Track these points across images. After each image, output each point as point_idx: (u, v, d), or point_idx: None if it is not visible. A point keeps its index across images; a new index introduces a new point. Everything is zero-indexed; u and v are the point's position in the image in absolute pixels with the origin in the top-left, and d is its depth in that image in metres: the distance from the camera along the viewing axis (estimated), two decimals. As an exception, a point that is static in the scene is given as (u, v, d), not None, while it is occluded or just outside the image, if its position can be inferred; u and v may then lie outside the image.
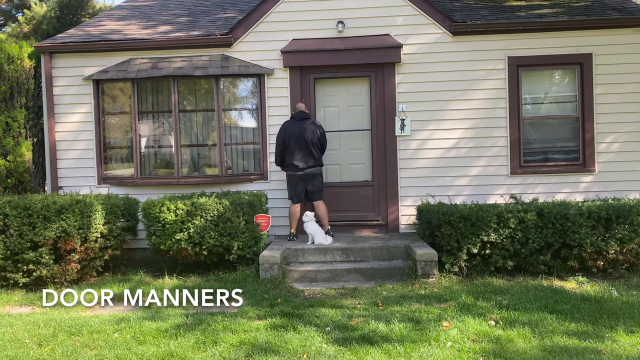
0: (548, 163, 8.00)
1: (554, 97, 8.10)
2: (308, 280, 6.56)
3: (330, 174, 8.24)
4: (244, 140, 8.35)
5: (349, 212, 8.13)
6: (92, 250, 6.58)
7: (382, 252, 6.93)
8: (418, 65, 7.98)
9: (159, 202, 6.77)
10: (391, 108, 7.99)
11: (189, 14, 9.66)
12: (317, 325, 4.89)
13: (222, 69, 7.97)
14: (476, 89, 7.94)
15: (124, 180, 8.22)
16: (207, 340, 4.58)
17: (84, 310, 5.69)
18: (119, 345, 4.56)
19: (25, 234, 6.24)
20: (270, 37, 8.07)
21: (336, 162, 8.27)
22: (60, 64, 8.24)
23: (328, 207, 7.60)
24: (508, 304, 5.37)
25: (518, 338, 4.48)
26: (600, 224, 6.35)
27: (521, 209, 6.46)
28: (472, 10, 8.60)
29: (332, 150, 8.19)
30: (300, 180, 7.36)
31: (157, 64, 8.08)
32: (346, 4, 8.02)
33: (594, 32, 7.87)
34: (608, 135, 7.85)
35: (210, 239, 6.65)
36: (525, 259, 6.45)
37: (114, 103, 8.46)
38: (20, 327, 5.11)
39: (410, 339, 4.50)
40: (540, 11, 8.29)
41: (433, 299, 5.63)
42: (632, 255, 6.38)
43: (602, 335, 4.51)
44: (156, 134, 8.46)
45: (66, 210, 6.33)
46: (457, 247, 6.41)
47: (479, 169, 7.95)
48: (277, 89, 8.09)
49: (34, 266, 6.27)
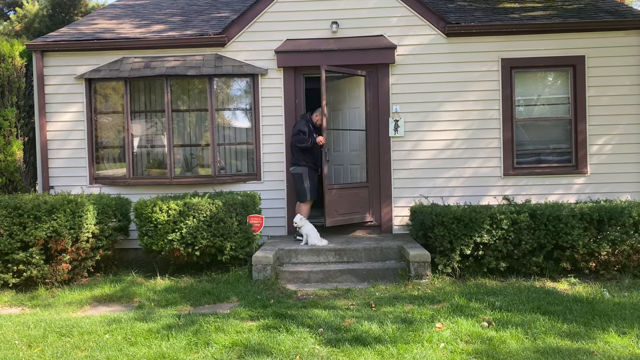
0: (541, 164, 8.03)
1: (546, 99, 8.13)
2: (301, 281, 6.55)
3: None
4: (237, 141, 8.32)
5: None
6: (83, 250, 6.53)
7: (376, 253, 6.92)
8: (412, 66, 7.99)
9: (151, 202, 6.73)
10: (385, 109, 7.99)
11: (183, 14, 9.62)
12: (310, 326, 4.87)
13: (216, 68, 7.94)
14: (470, 91, 7.96)
15: (116, 180, 8.16)
16: (199, 342, 4.55)
17: (75, 311, 5.64)
18: (110, 346, 4.52)
19: (15, 233, 6.19)
20: (264, 37, 8.05)
21: (331, 163, 8.26)
22: (52, 63, 8.18)
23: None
24: (501, 305, 5.38)
25: (510, 339, 4.48)
26: (592, 226, 6.38)
27: (514, 210, 6.48)
28: (466, 11, 8.62)
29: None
30: (291, 179, 7.41)
31: (150, 63, 8.04)
32: (340, 4, 8.01)
33: (587, 35, 7.91)
34: (600, 137, 7.90)
35: (203, 240, 6.62)
36: (517, 260, 6.47)
37: (106, 102, 8.41)
38: (9, 328, 5.06)
39: (403, 340, 4.49)
40: (533, 13, 8.33)
41: (426, 300, 5.63)
42: (624, 257, 6.41)
43: (594, 337, 4.52)
44: (149, 133, 8.41)
45: (57, 210, 6.28)
46: (450, 248, 6.42)
47: (472, 170, 7.96)
48: (271, 89, 8.07)
49: (24, 266, 6.21)
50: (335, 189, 7.63)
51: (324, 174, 7.43)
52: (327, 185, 7.47)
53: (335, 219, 7.59)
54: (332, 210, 7.55)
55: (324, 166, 7.43)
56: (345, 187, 7.85)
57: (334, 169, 8.39)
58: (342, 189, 7.73)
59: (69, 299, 6.03)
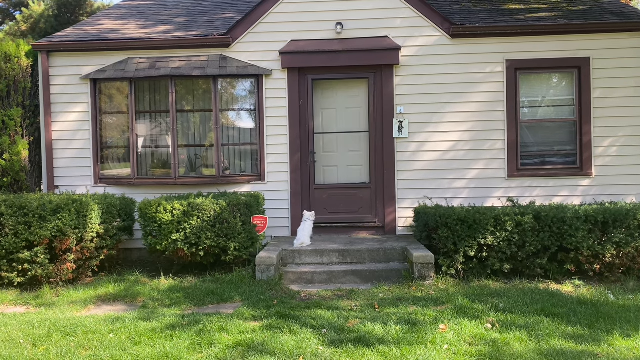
0: (545, 166, 8.00)
1: (551, 100, 8.11)
2: (305, 281, 6.55)
3: (327, 176, 8.24)
4: (241, 141, 8.33)
5: (346, 213, 8.12)
6: (87, 250, 6.55)
7: (379, 254, 6.92)
8: (416, 67, 7.98)
9: (156, 202, 6.74)
10: (389, 110, 7.99)
11: (188, 14, 9.64)
12: (313, 326, 4.87)
13: (220, 69, 7.96)
14: (474, 92, 7.95)
15: (120, 180, 8.19)
16: (202, 341, 4.56)
17: (79, 310, 5.66)
18: (114, 345, 4.53)
19: (20, 233, 6.21)
20: (269, 38, 8.06)
21: (334, 164, 8.27)
22: (57, 63, 8.21)
23: (325, 209, 7.60)
24: (505, 307, 5.36)
25: (514, 341, 4.47)
26: (597, 228, 6.35)
27: (518, 212, 6.46)
28: (471, 13, 8.60)
29: (330, 152, 8.22)
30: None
31: (155, 64, 8.06)
32: (345, 5, 8.01)
33: (592, 36, 7.89)
34: (605, 139, 7.87)
35: (207, 240, 6.63)
36: (522, 262, 6.45)
37: (111, 102, 8.43)
38: (14, 326, 5.08)
39: (406, 341, 4.48)
40: (538, 15, 8.31)
41: (429, 302, 5.62)
42: (629, 259, 6.38)
43: (598, 339, 4.50)
44: (153, 133, 8.44)
45: (62, 209, 6.30)
46: (454, 249, 6.40)
47: (476, 172, 7.95)
48: (275, 90, 8.08)
49: (29, 266, 6.24)
50: (324, 189, 7.86)
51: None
52: (314, 186, 7.72)
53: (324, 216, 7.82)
54: (322, 209, 7.76)
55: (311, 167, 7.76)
56: (343, 187, 7.95)
57: (327, 170, 8.39)
58: (334, 189, 7.87)
59: (74, 298, 6.05)
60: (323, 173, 8.25)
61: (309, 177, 8.12)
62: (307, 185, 8.11)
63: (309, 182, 8.12)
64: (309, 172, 8.12)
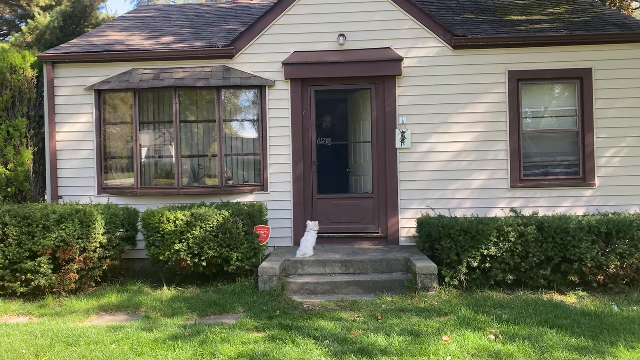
0: (548, 177, 8.00)
1: (554, 111, 8.12)
2: (307, 292, 6.54)
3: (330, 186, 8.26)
4: (244, 152, 8.36)
5: (349, 224, 8.12)
6: (91, 260, 6.56)
7: (382, 265, 6.90)
8: (419, 78, 8.02)
9: (159, 212, 6.76)
10: (392, 120, 8.02)
11: (192, 26, 9.73)
12: (315, 338, 4.86)
13: (224, 80, 8.01)
14: (477, 103, 7.97)
15: (124, 191, 8.22)
16: (205, 352, 4.55)
17: (82, 321, 5.66)
18: (116, 356, 4.53)
19: (24, 243, 6.24)
20: (272, 49, 8.12)
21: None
22: (62, 74, 8.28)
23: (328, 219, 7.61)
24: (508, 318, 5.34)
25: (518, 353, 4.45)
26: (600, 239, 6.34)
27: (521, 223, 6.45)
28: (473, 24, 8.65)
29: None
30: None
31: (159, 75, 8.12)
32: (348, 17, 8.07)
33: (594, 47, 7.91)
34: (608, 150, 7.87)
35: (210, 250, 6.64)
36: (525, 273, 6.43)
37: (115, 113, 8.49)
38: (17, 337, 5.08)
39: (409, 352, 4.47)
40: (540, 26, 8.35)
41: (433, 313, 5.60)
42: (633, 270, 6.35)
43: (602, 351, 4.47)
44: (157, 144, 8.48)
45: (66, 219, 6.32)
46: (458, 260, 6.39)
47: (479, 182, 7.95)
48: (278, 100, 8.13)
49: (32, 276, 6.25)
50: (327, 199, 7.97)
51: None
52: (317, 196, 7.83)
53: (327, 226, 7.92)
54: (324, 219, 7.88)
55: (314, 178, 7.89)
56: (342, 197, 8.01)
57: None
58: (337, 200, 7.96)
59: (76, 308, 6.06)
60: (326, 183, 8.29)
61: (312, 187, 8.14)
62: (310, 195, 8.12)
63: (312, 192, 8.13)
64: (312, 182, 8.14)
